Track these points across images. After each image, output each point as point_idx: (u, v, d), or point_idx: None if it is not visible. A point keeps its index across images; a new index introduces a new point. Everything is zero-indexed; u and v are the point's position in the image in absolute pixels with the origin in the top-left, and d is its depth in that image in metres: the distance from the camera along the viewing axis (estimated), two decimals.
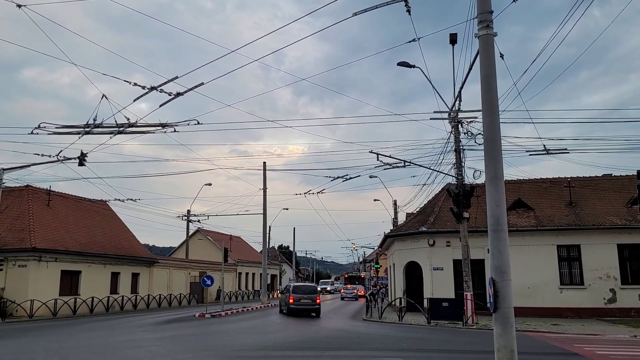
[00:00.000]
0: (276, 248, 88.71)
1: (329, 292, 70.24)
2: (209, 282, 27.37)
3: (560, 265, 26.08)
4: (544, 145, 19.17)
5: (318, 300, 27.39)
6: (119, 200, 31.30)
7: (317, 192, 29.00)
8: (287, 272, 79.16)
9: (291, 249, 78.58)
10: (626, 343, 15.51)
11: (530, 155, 20.24)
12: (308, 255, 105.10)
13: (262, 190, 38.61)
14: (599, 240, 25.62)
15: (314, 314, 26.82)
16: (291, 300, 27.26)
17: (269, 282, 59.40)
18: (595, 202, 27.44)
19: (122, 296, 33.91)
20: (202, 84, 11.81)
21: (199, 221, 43.60)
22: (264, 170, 38.51)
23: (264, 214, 38.70)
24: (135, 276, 36.63)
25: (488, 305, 9.16)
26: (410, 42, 11.19)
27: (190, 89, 12.38)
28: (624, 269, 25.43)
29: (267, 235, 43.16)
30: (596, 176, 29.86)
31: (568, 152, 19.69)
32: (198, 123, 14.19)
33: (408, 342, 15.18)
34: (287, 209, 56.42)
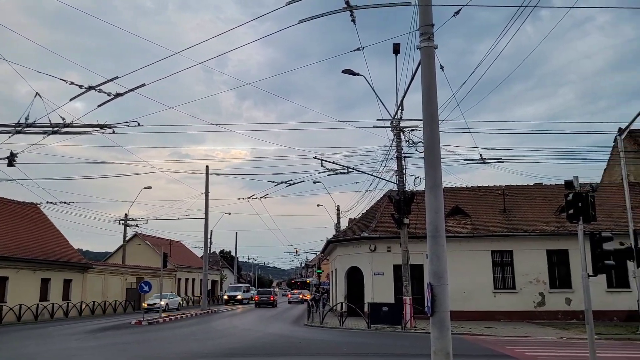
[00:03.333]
0: (218, 253, 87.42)
1: (239, 302, 51.82)
2: (146, 288, 26.63)
3: (494, 270, 27.10)
4: (481, 155, 19.94)
5: (272, 298, 46.02)
6: (51, 203, 29.95)
7: (261, 197, 28.86)
8: (228, 278, 78.08)
9: (233, 254, 77.71)
10: (553, 344, 16.31)
11: (467, 163, 20.99)
12: (250, 261, 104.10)
13: (204, 195, 38.02)
14: (530, 246, 26.82)
15: (271, 306, 43.96)
16: (257, 298, 46.81)
17: (209, 287, 58.36)
18: (527, 209, 28.73)
19: (53, 303, 32.41)
20: (144, 85, 11.54)
21: (137, 225, 42.34)
22: (206, 174, 37.95)
23: (206, 218, 38.10)
24: (67, 282, 35.12)
25: (426, 309, 9.45)
26: (354, 50, 11.38)
27: (131, 90, 12.06)
28: (552, 273, 26.73)
29: (209, 240, 42.53)
30: (528, 185, 31.27)
31: (503, 162, 20.54)
32: (138, 125, 13.83)
33: (348, 346, 15.34)
34: (229, 214, 55.41)
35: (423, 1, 9.60)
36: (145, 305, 35.65)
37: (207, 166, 38.00)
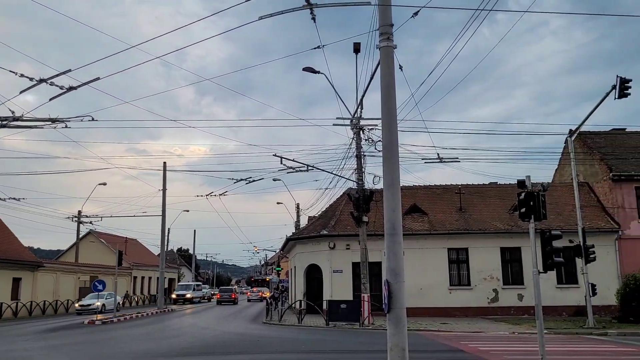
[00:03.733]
0: (175, 251, 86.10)
1: (189, 301, 49.17)
2: (100, 287, 25.95)
3: (450, 267, 27.68)
4: (438, 154, 20.34)
5: (234, 296, 48.76)
6: (0, 199, 28.78)
7: (219, 195, 28.54)
8: (186, 276, 76.94)
9: (191, 252, 76.62)
10: (506, 339, 16.79)
11: (425, 162, 21.33)
12: (209, 259, 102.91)
13: (162, 191, 37.33)
14: (484, 244, 27.51)
15: (232, 303, 46.12)
16: (218, 296, 49.20)
17: (166, 286, 57.36)
18: (483, 208, 29.43)
19: (1, 303, 31.20)
20: (98, 78, 11.21)
21: (90, 223, 41.18)
22: (164, 170, 37.27)
23: (163, 215, 37.43)
24: (16, 281, 33.86)
25: (383, 306, 9.56)
26: (315, 48, 11.39)
27: (85, 84, 11.70)
28: (506, 270, 27.50)
29: (166, 237, 41.77)
30: (484, 184, 32.03)
31: (459, 161, 21.01)
32: (92, 119, 13.45)
33: (306, 344, 15.36)
34: (187, 211, 54.75)
35: (382, 1, 9.69)
36: (78, 306, 34.39)
37: (164, 162, 37.28)
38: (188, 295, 49.49)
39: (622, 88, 18.27)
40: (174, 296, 50.75)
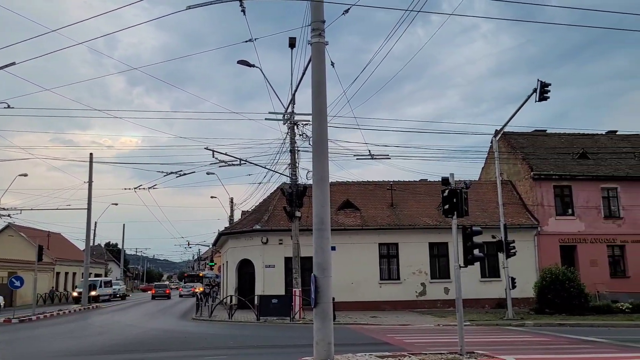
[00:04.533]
0: (103, 246, 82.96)
1: (95, 299, 41.59)
2: (17, 283, 24.60)
3: (380, 262, 28.27)
4: (369, 151, 20.70)
5: (167, 291, 53.68)
6: None
7: (149, 188, 27.71)
8: (113, 272, 74.32)
9: (120, 246, 74.10)
10: (430, 331, 17.36)
11: (357, 159, 21.65)
12: (138, 254, 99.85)
13: (88, 184, 35.82)
14: (414, 239, 28.27)
15: (166, 298, 50.23)
16: (153, 292, 54.02)
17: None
18: (413, 204, 30.22)
19: None
20: (14, 63, 10.58)
21: (9, 216, 38.84)
22: (90, 162, 35.75)
23: (89, 209, 35.92)
24: None
25: (311, 300, 9.63)
26: (246, 41, 11.26)
27: (0, 68, 11.02)
28: (434, 264, 28.41)
29: (92, 231, 40.16)
30: (414, 181, 32.86)
31: (390, 158, 21.49)
32: (8, 107, 12.68)
33: (235, 339, 15.24)
34: (116, 204, 52.60)
35: None
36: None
37: (91, 154, 35.73)
38: (93, 293, 41.96)
39: (542, 92, 19.28)
40: (74, 294, 43.55)
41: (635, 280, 28.55)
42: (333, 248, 21.85)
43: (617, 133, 35.10)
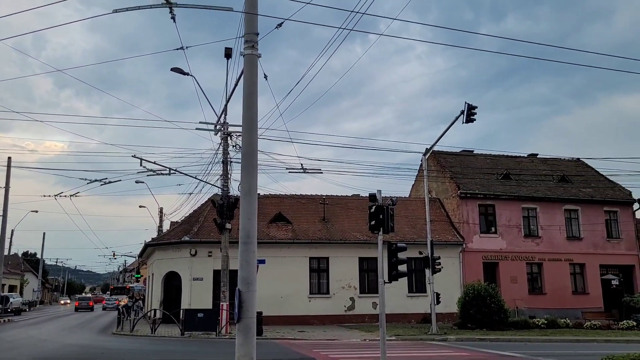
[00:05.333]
0: (20, 255, 78.24)
1: None
2: None
3: (311, 276, 28.26)
4: (302, 164, 20.72)
5: (91, 304, 54.92)
6: None
7: (70, 195, 26.38)
8: (30, 283, 70.09)
9: (39, 256, 70.08)
10: (357, 346, 17.46)
11: (289, 172, 21.63)
12: (59, 264, 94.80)
13: (4, 189, 33.68)
14: (344, 253, 28.50)
15: (89, 310, 50.90)
16: (77, 304, 54.79)
17: (4, 293, 51.58)
18: (344, 219, 30.49)
19: None
20: None
21: None
22: (8, 166, 33.65)
23: (4, 215, 33.72)
24: None
25: (234, 315, 9.41)
26: (177, 49, 11.01)
27: None
28: (363, 279, 28.72)
29: (8, 240, 37.72)
30: (347, 196, 33.20)
31: (322, 172, 21.60)
32: None
33: (156, 355, 14.67)
34: (36, 212, 49.79)
35: (248, 9, 9.64)
36: None
37: (9, 157, 33.63)
38: None
39: (469, 114, 20.10)
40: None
41: (551, 297, 30.14)
42: (263, 261, 21.78)
43: (537, 156, 37.07)
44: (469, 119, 20.05)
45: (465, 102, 20.03)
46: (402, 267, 10.89)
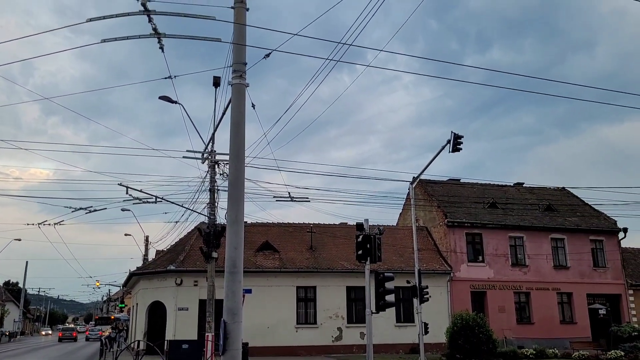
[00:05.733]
0: (1, 285, 76.75)
1: None
2: None
3: (298, 306, 27.92)
4: (289, 193, 20.68)
5: (74, 334, 56.51)
6: None
7: (55, 224, 25.98)
8: (11, 313, 68.49)
9: (21, 285, 68.70)
10: None
11: (277, 200, 21.57)
12: (41, 293, 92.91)
13: None
14: (332, 282, 28.28)
15: (73, 341, 51.86)
16: (60, 335, 56.01)
17: None
18: (332, 247, 30.36)
19: None
20: None
21: None
22: None
23: None
24: None
25: (219, 347, 9.23)
26: (166, 78, 11.06)
27: None
28: (350, 309, 28.43)
29: None
30: (334, 224, 33.15)
31: (309, 201, 21.57)
32: None
33: None
34: (19, 240, 48.90)
35: (237, 40, 9.74)
36: None
37: None
38: None
39: (456, 143, 20.25)
40: None
41: (539, 326, 30.03)
42: (249, 291, 21.51)
43: (523, 185, 37.42)
44: (456, 148, 20.19)
45: (452, 132, 20.19)
46: (390, 297, 10.81)
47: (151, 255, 41.34)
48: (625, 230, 33.40)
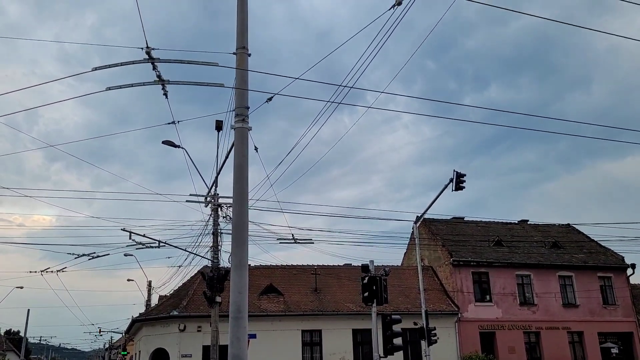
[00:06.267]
0: (3, 334, 75.63)
1: None
2: None
3: (303, 350, 27.33)
4: (292, 235, 20.56)
5: None
6: None
7: (57, 271, 25.80)
8: None
9: (22, 334, 67.66)
10: None
11: (280, 243, 21.43)
12: (43, 342, 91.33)
13: None
14: (338, 325, 27.78)
15: None
16: None
17: None
18: (337, 289, 29.97)
19: None
20: None
21: None
22: None
23: None
24: None
25: None
26: (169, 124, 11.19)
27: None
28: (357, 352, 27.80)
29: None
30: (338, 265, 32.83)
31: (313, 243, 21.39)
32: None
33: None
34: (21, 288, 48.45)
35: (239, 85, 9.88)
36: None
37: None
38: None
39: (458, 181, 20.30)
40: None
41: None
42: (254, 336, 21.14)
43: (528, 222, 37.21)
44: (459, 187, 20.23)
45: (454, 170, 20.29)
46: (398, 340, 10.59)
47: (154, 301, 40.86)
48: (633, 266, 32.99)
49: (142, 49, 7.90)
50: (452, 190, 20.32)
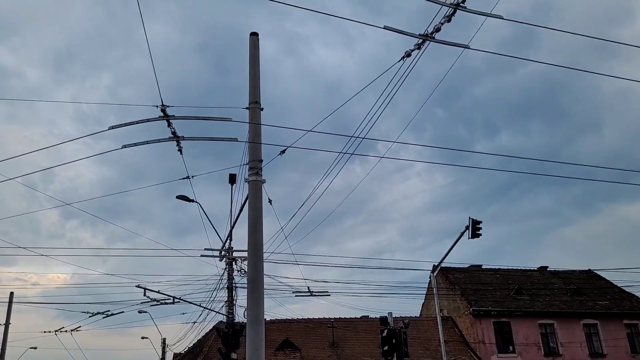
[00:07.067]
0: None
1: None
2: None
3: None
4: (308, 287, 20.25)
5: None
6: None
7: (72, 330, 25.55)
8: None
9: None
10: None
11: (296, 295, 21.10)
12: None
13: (4, 326, 32.70)
14: None
15: None
16: None
17: None
18: (354, 342, 29.21)
19: None
20: None
21: None
22: (10, 302, 32.94)
23: (2, 355, 32.44)
24: None
25: None
26: (184, 179, 11.27)
27: None
28: None
29: None
30: (355, 317, 32.07)
31: (329, 295, 21.03)
32: None
33: None
34: (35, 348, 47.76)
35: (252, 139, 9.99)
36: None
37: (11, 293, 32.97)
38: None
39: (474, 229, 20.04)
40: None
41: None
42: None
43: (548, 269, 36.36)
44: (475, 234, 19.96)
45: (470, 218, 20.08)
46: None
47: (169, 359, 40.09)
48: None
49: (157, 106, 8.06)
50: (469, 237, 20.04)
